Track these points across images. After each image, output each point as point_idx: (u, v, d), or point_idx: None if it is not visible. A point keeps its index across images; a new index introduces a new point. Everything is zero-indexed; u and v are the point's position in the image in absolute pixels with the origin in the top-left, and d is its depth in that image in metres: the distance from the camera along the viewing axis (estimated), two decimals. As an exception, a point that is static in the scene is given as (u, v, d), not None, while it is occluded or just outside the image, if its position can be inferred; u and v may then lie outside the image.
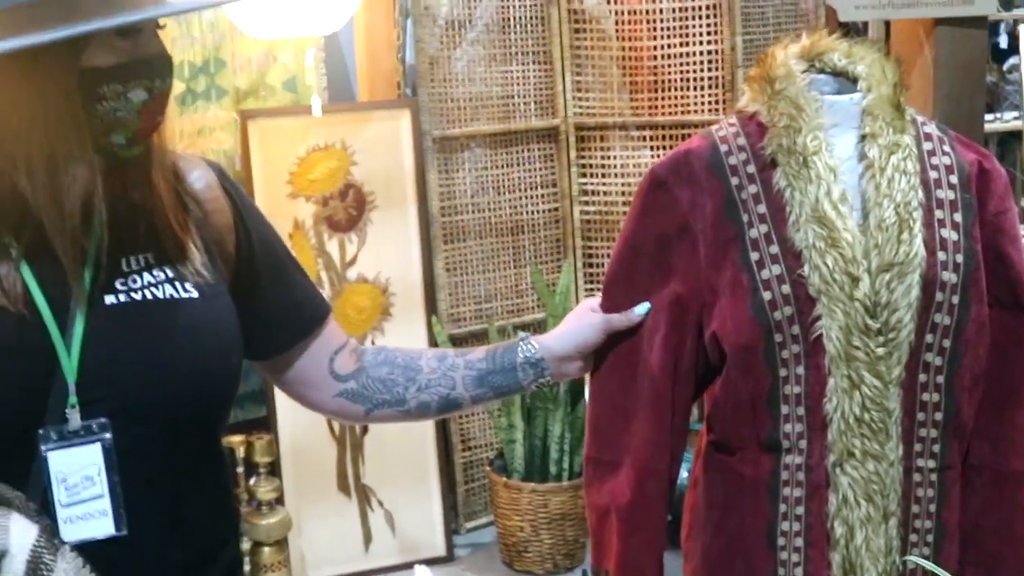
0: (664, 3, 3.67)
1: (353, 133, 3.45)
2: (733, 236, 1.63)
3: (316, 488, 3.49)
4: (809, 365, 1.61)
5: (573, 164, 3.81)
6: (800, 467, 1.64)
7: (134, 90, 1.39)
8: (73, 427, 1.40)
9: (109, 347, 1.42)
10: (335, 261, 3.47)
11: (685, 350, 1.70)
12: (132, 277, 1.47)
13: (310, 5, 3.04)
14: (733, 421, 1.68)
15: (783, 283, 1.60)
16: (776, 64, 1.66)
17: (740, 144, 1.66)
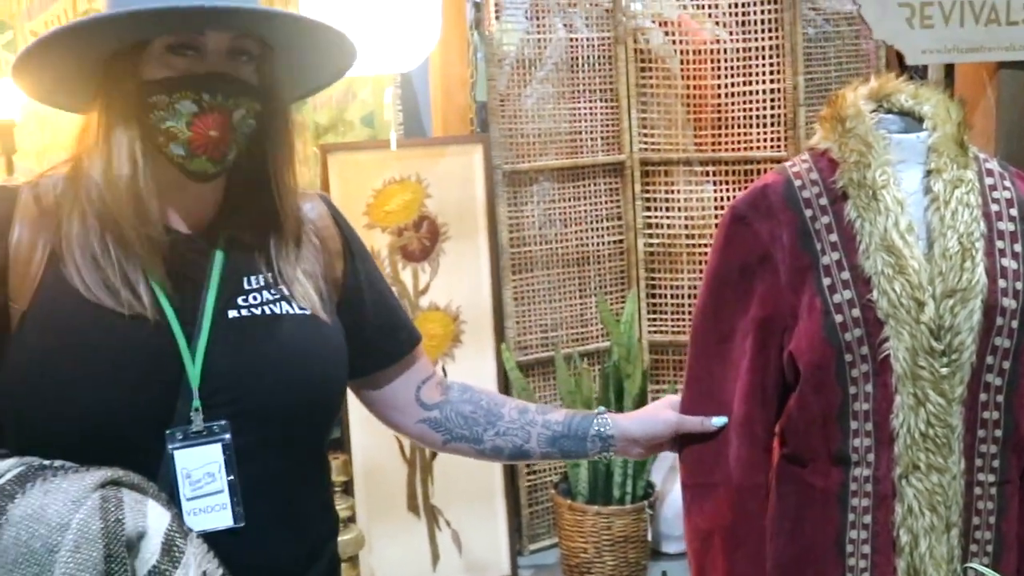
0: (728, 43, 3.79)
1: (427, 167, 3.59)
2: (808, 264, 1.75)
3: (387, 507, 3.61)
4: (877, 383, 1.72)
5: (638, 198, 3.93)
6: (868, 479, 1.75)
7: (181, 101, 1.50)
8: (196, 428, 1.51)
9: (230, 357, 1.55)
10: (409, 289, 3.60)
11: (770, 372, 1.81)
12: (253, 295, 1.60)
13: (388, 45, 3.18)
14: (805, 435, 1.79)
15: (853, 307, 1.72)
16: (847, 104, 1.78)
17: (813, 179, 1.78)
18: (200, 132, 1.51)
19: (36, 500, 1.39)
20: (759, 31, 3.77)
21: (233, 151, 1.54)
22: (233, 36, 1.54)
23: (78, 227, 1.53)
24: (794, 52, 3.73)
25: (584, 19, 3.89)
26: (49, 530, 1.36)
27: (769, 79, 3.77)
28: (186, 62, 1.52)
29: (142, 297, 1.52)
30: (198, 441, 1.52)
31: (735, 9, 3.79)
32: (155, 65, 1.52)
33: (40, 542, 1.35)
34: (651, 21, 3.90)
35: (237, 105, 1.53)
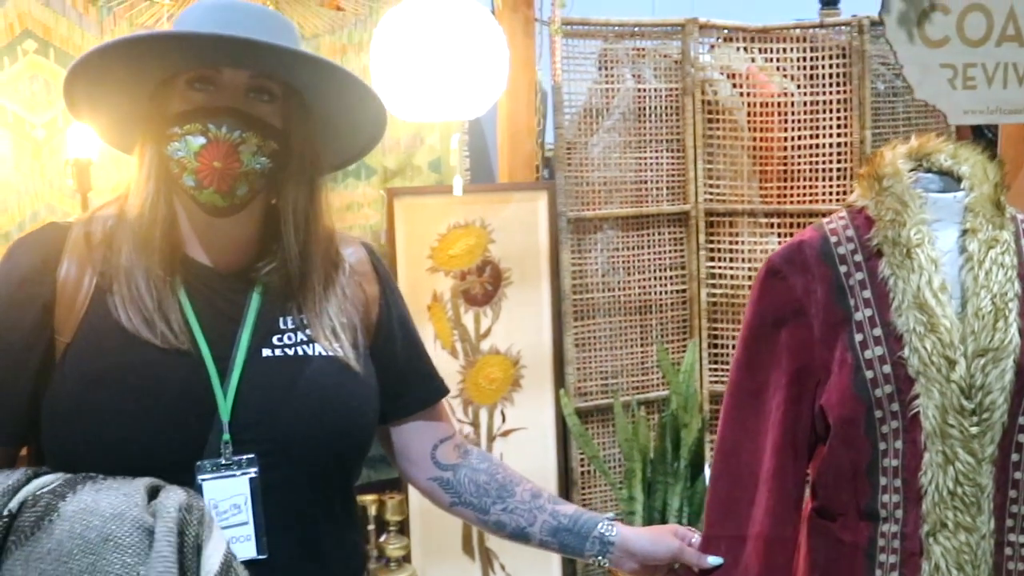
0: (796, 96, 3.81)
1: (492, 212, 3.65)
2: (842, 319, 1.77)
3: (442, 548, 3.64)
4: (906, 440, 1.73)
5: (702, 248, 3.95)
6: (896, 535, 1.75)
7: (192, 134, 1.56)
8: (226, 461, 1.58)
9: (262, 394, 1.61)
10: (470, 333, 3.65)
11: (801, 425, 1.83)
12: (287, 335, 1.66)
13: (456, 92, 3.24)
14: (835, 489, 1.81)
15: (885, 363, 1.73)
16: (884, 163, 1.80)
17: (849, 235, 1.81)
18: (206, 163, 1.56)
19: (88, 496, 1.45)
20: (827, 85, 3.78)
21: (244, 187, 1.59)
22: (252, 75, 1.60)
23: (124, 260, 1.60)
24: (862, 106, 3.73)
25: (653, 70, 3.92)
26: (103, 520, 1.42)
27: (836, 132, 3.77)
28: (202, 96, 1.59)
29: (177, 331, 1.58)
30: (226, 474, 1.58)
31: (804, 63, 3.81)
32: (176, 100, 1.60)
33: (95, 532, 1.41)
34: (720, 73, 3.93)
35: (245, 139, 1.58)
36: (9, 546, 1.43)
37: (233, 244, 1.68)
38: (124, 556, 1.41)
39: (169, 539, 1.44)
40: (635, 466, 3.54)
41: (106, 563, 1.40)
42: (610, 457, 3.86)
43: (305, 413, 1.62)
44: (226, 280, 1.66)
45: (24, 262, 1.62)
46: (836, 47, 3.77)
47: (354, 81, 1.65)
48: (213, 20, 1.58)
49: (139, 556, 1.42)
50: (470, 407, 3.65)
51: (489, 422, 3.68)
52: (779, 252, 1.85)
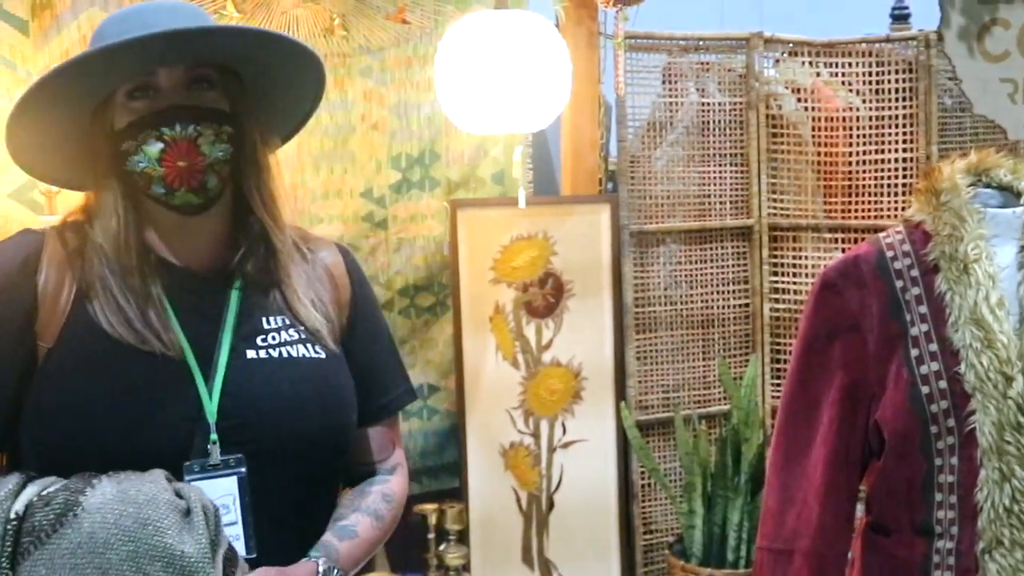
0: (861, 111, 3.79)
1: (555, 225, 3.66)
2: (897, 333, 1.77)
3: (502, 558, 3.66)
4: (962, 456, 1.72)
5: (765, 262, 3.93)
6: (951, 552, 1.75)
7: (148, 142, 1.57)
8: (213, 461, 1.59)
9: (247, 395, 1.63)
10: (532, 344, 3.66)
11: (855, 439, 1.83)
12: (272, 334, 1.68)
13: (520, 104, 3.26)
14: (889, 505, 1.80)
15: (941, 379, 1.72)
16: (942, 178, 1.80)
17: (905, 250, 1.80)
18: (171, 166, 1.57)
19: (111, 488, 1.45)
20: (893, 99, 3.75)
21: (213, 178, 1.61)
22: (187, 67, 1.60)
23: (99, 268, 1.62)
24: (928, 121, 3.70)
25: (717, 84, 3.92)
26: (137, 507, 1.43)
27: (902, 147, 3.74)
28: (145, 103, 1.59)
29: (161, 335, 1.60)
30: (215, 474, 1.60)
31: (870, 77, 3.78)
32: (120, 114, 1.60)
33: (131, 519, 1.42)
34: (784, 87, 3.92)
35: (201, 132, 1.59)
36: (26, 548, 1.42)
37: (206, 242, 1.69)
38: (165, 538, 1.42)
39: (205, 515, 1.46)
40: (695, 480, 3.54)
41: (148, 547, 1.41)
42: (670, 471, 3.85)
43: (290, 414, 1.64)
44: (204, 280, 1.68)
45: (3, 269, 1.63)
46: (903, 61, 3.74)
47: (285, 41, 1.65)
48: (128, 27, 1.57)
49: (180, 536, 1.43)
50: (531, 418, 3.66)
51: (550, 434, 3.69)
52: (834, 266, 1.85)
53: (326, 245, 1.86)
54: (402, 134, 3.61)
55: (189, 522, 1.46)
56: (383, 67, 3.58)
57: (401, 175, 3.61)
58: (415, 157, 3.62)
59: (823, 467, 1.82)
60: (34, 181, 3.01)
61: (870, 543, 1.85)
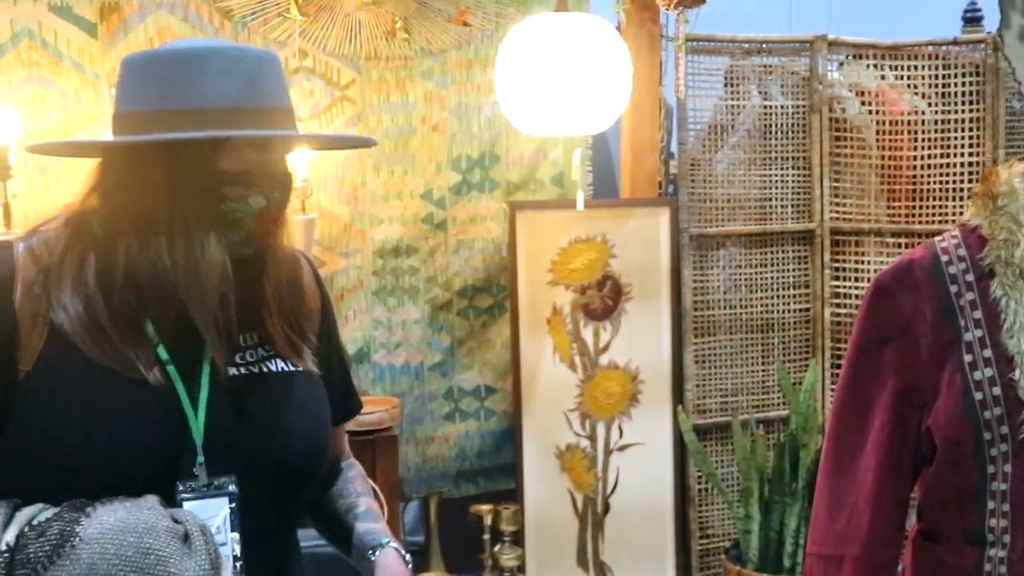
0: (927, 115, 3.74)
1: (614, 227, 3.66)
2: (951, 339, 1.74)
3: (556, 560, 3.66)
4: (1016, 464, 1.69)
5: (827, 267, 3.90)
6: (1003, 560, 1.72)
7: (254, 196, 1.58)
8: (204, 482, 1.57)
9: (232, 413, 1.61)
10: (589, 347, 3.66)
11: (907, 445, 1.81)
12: (248, 352, 1.67)
13: (580, 107, 3.26)
14: (941, 512, 1.78)
15: (994, 385, 1.70)
16: (1000, 182, 1.77)
17: (960, 255, 1.78)
18: (263, 225, 1.60)
19: (108, 516, 1.42)
20: (960, 103, 3.71)
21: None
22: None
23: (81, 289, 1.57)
24: (995, 125, 3.65)
25: (780, 86, 3.90)
26: (138, 536, 1.40)
27: (968, 152, 3.70)
28: (258, 158, 1.59)
29: (143, 357, 1.57)
30: (206, 494, 1.57)
31: (936, 80, 3.74)
32: (230, 158, 1.58)
33: (132, 549, 1.39)
34: (848, 90, 3.88)
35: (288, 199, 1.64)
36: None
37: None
38: (168, 567, 1.40)
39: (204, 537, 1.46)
40: (752, 485, 3.52)
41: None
42: (728, 476, 3.83)
43: (273, 432, 1.64)
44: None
45: None
46: (970, 64, 3.70)
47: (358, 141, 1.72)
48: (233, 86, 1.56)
49: (182, 563, 1.41)
50: (587, 421, 3.66)
51: (606, 436, 3.69)
52: (888, 270, 1.83)
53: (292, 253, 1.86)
54: (462, 136, 3.63)
55: (189, 547, 1.44)
56: (444, 69, 3.60)
57: (461, 177, 3.63)
58: (475, 159, 3.64)
59: (874, 473, 1.80)
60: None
61: (921, 550, 1.83)
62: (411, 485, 3.69)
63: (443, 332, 3.66)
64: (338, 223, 3.52)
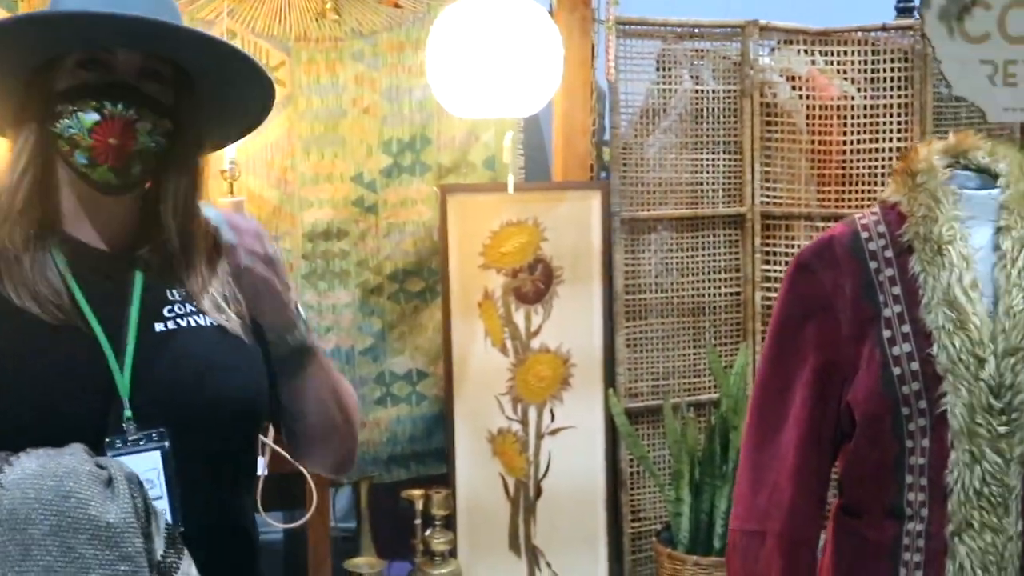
0: (856, 100, 3.77)
1: (545, 211, 3.65)
2: (870, 315, 1.76)
3: (488, 544, 3.65)
4: (933, 438, 1.71)
5: (757, 251, 3.92)
6: (921, 534, 1.73)
7: (84, 111, 1.56)
8: (133, 436, 1.57)
9: (159, 368, 1.60)
10: (520, 331, 3.65)
11: (827, 421, 1.82)
12: (178, 305, 1.66)
13: (511, 90, 3.25)
14: (860, 487, 1.79)
15: (913, 360, 1.71)
16: (919, 159, 1.79)
17: (880, 231, 1.79)
18: (100, 140, 1.56)
19: (31, 463, 1.42)
20: (889, 88, 3.74)
21: (137, 165, 1.59)
22: (145, 56, 1.60)
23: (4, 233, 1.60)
24: (923, 111, 3.69)
25: (712, 71, 3.91)
26: (58, 480, 1.40)
27: (896, 137, 3.73)
28: (94, 75, 1.58)
29: (67, 308, 1.57)
30: (137, 448, 1.57)
31: (865, 66, 3.77)
32: (64, 78, 1.59)
33: (51, 493, 1.39)
34: (779, 75, 3.90)
35: (141, 117, 1.58)
36: None
37: (116, 224, 1.66)
38: (89, 509, 1.40)
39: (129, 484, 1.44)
40: (683, 468, 3.53)
41: (72, 519, 1.39)
42: (659, 458, 3.85)
43: (202, 383, 1.62)
44: (109, 259, 1.65)
45: None
46: (899, 50, 3.73)
47: (245, 60, 1.66)
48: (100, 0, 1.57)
49: (104, 506, 1.41)
50: (519, 405, 3.65)
51: (538, 420, 3.68)
52: (809, 247, 1.84)
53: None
54: (393, 119, 3.60)
55: (112, 491, 1.43)
56: (375, 51, 3.57)
57: (392, 160, 3.60)
58: (406, 142, 3.61)
59: (795, 449, 1.81)
60: None
61: (842, 525, 1.84)
62: (342, 470, 3.65)
63: (374, 316, 3.64)
64: (267, 206, 3.47)
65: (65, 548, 1.38)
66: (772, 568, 1.83)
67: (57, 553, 1.38)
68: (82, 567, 1.39)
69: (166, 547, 1.47)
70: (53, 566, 1.38)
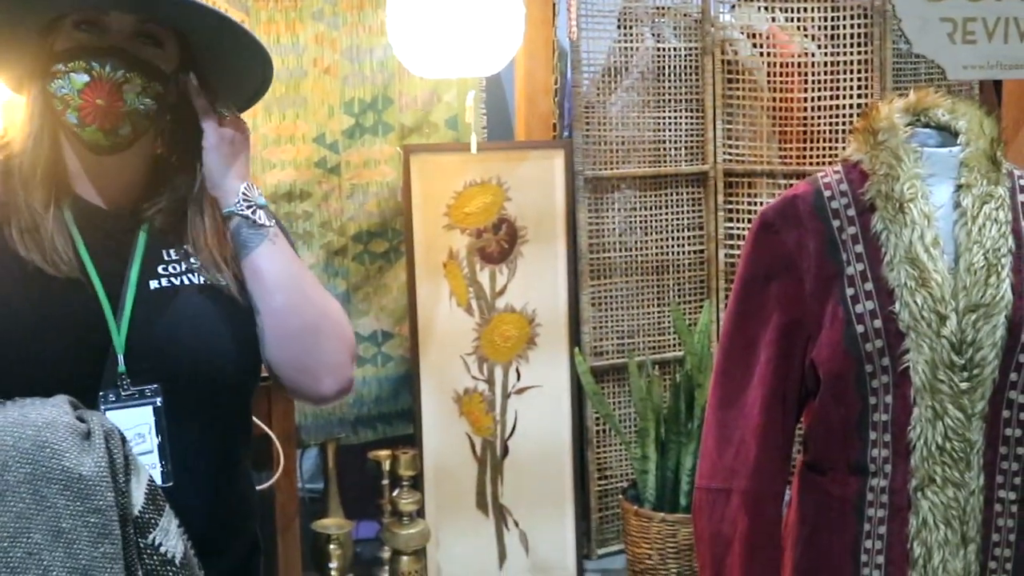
0: (817, 57, 3.78)
1: (508, 171, 3.65)
2: (833, 273, 1.76)
3: (456, 504, 3.67)
4: (896, 395, 1.73)
5: (720, 208, 3.94)
6: (884, 490, 1.75)
7: (75, 72, 1.58)
8: (127, 391, 1.60)
9: (153, 324, 1.63)
10: (485, 291, 3.66)
11: (792, 379, 1.83)
12: (173, 265, 1.68)
13: (472, 48, 3.24)
14: (824, 444, 1.81)
15: (875, 318, 1.73)
16: (880, 117, 1.79)
17: (843, 190, 1.80)
18: (89, 101, 1.59)
19: (13, 412, 1.46)
20: (849, 45, 3.75)
21: (127, 126, 1.62)
22: (139, 19, 1.63)
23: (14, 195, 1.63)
24: (883, 67, 3.70)
25: (673, 29, 3.91)
26: (36, 429, 1.43)
27: (857, 94, 3.75)
28: (87, 37, 1.61)
29: (70, 262, 1.61)
30: (130, 403, 1.60)
31: (825, 23, 3.78)
32: (62, 39, 1.62)
33: (29, 442, 1.42)
34: (740, 32, 3.91)
35: (129, 79, 1.60)
36: None
37: (120, 183, 1.69)
38: (63, 460, 1.42)
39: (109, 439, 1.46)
40: (649, 425, 3.56)
41: (46, 469, 1.41)
42: (625, 416, 3.87)
43: (195, 340, 1.65)
44: (114, 219, 1.68)
45: None
46: (858, 7, 3.74)
47: (240, 31, 1.67)
48: None
49: (79, 458, 1.43)
50: (485, 364, 3.66)
51: (504, 380, 3.69)
52: (772, 206, 1.85)
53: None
54: (355, 79, 3.58)
55: (88, 444, 1.45)
56: (335, 10, 3.54)
57: (354, 120, 3.59)
58: (368, 102, 3.60)
59: (760, 406, 1.82)
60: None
61: (806, 482, 1.86)
62: (308, 432, 3.66)
63: (338, 277, 3.63)
64: (228, 169, 3.45)
65: (38, 497, 1.41)
66: (738, 525, 1.84)
67: (30, 500, 1.41)
68: (52, 515, 1.41)
69: (145, 502, 1.48)
70: (25, 513, 1.41)
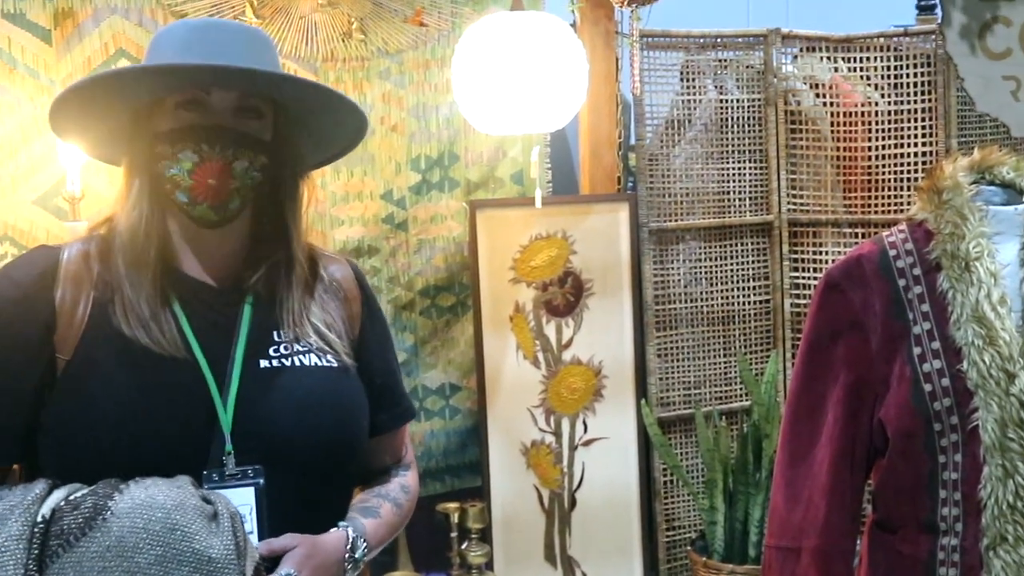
0: (880, 106, 3.78)
1: (574, 224, 3.68)
2: (900, 332, 1.78)
3: (524, 556, 3.68)
4: (966, 453, 1.73)
5: (785, 258, 3.94)
6: (955, 548, 1.76)
7: (183, 152, 1.63)
8: (231, 471, 1.62)
9: (261, 404, 1.66)
10: (552, 343, 3.68)
11: (860, 438, 1.84)
12: (283, 345, 1.71)
13: (537, 105, 3.28)
14: (894, 502, 1.81)
15: (943, 376, 1.73)
16: (944, 176, 1.81)
17: (908, 249, 1.81)
18: (200, 180, 1.63)
19: (141, 493, 1.48)
20: (912, 93, 3.74)
21: (236, 201, 1.66)
22: (240, 95, 1.66)
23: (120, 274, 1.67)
24: (947, 115, 3.69)
25: (735, 80, 3.93)
26: (166, 512, 1.46)
27: (921, 142, 3.74)
28: (192, 116, 1.65)
29: (175, 340, 1.64)
30: (232, 483, 1.62)
31: (889, 71, 3.78)
32: (166, 119, 1.66)
33: (159, 524, 1.44)
34: (803, 83, 3.92)
35: (237, 156, 1.65)
36: (54, 551, 1.44)
37: (223, 255, 1.73)
38: (193, 543, 1.44)
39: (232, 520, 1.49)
40: (716, 476, 3.55)
41: (177, 552, 1.44)
42: (692, 467, 3.87)
43: (303, 422, 1.67)
44: (219, 293, 1.72)
45: (22, 282, 1.67)
46: (921, 55, 3.73)
47: (334, 95, 1.73)
48: (199, 43, 1.64)
49: (208, 540, 1.45)
50: (552, 417, 3.68)
51: (571, 432, 3.71)
52: (838, 265, 1.86)
53: (335, 260, 1.91)
54: (421, 136, 3.63)
55: (216, 526, 1.48)
56: (401, 70, 3.60)
57: (420, 176, 3.64)
58: (434, 159, 3.65)
59: (829, 465, 1.83)
60: (58, 188, 3.06)
61: (876, 540, 1.86)
62: (378, 485, 3.69)
63: (406, 332, 3.67)
64: (298, 226, 3.51)
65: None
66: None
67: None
68: None
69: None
70: None
